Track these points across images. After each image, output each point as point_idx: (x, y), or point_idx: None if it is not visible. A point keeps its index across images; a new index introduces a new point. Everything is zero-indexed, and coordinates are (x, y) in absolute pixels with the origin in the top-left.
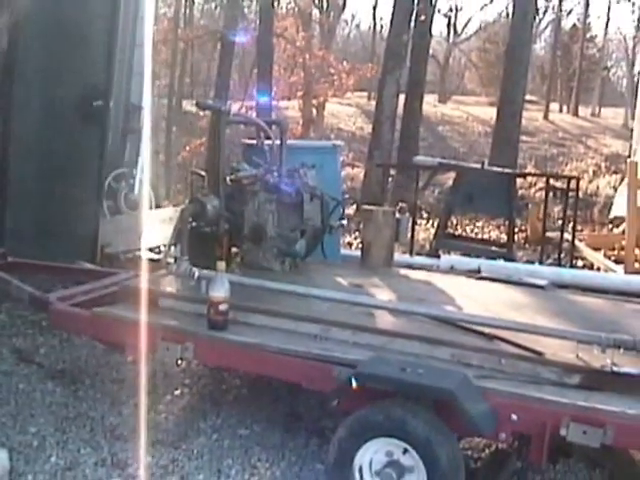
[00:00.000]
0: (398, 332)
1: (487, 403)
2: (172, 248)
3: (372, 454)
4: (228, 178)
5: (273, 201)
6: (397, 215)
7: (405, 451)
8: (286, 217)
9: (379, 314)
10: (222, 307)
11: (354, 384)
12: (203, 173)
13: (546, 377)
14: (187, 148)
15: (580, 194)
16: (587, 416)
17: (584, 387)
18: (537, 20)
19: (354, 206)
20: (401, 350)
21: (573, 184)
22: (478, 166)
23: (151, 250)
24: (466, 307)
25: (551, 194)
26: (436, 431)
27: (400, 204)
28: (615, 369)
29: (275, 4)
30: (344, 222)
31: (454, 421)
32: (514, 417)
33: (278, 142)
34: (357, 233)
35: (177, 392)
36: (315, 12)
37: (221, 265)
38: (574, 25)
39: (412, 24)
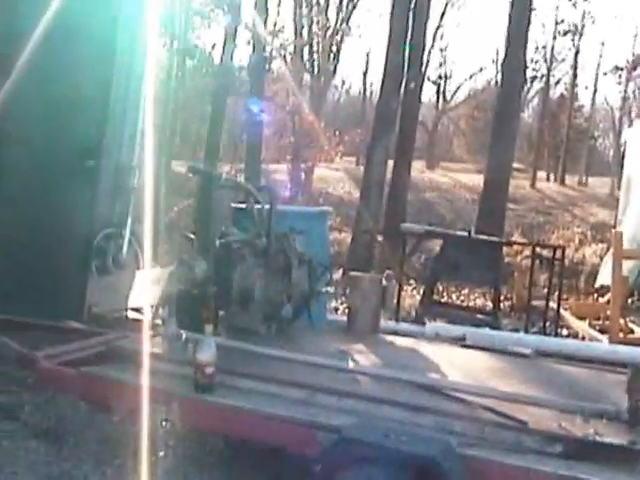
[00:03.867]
0: (382, 398)
1: (470, 471)
2: (160, 310)
3: None
4: (217, 241)
5: (261, 265)
6: (383, 282)
7: None
8: (273, 281)
9: (364, 380)
10: (209, 370)
11: None
12: (192, 236)
13: (529, 446)
14: (175, 209)
15: (566, 262)
16: None
17: (566, 456)
18: (525, 89)
19: (340, 271)
20: (385, 416)
21: (559, 253)
22: (465, 234)
23: (138, 311)
24: (450, 374)
25: (537, 262)
26: None
27: (387, 271)
28: (597, 439)
29: (266, 67)
30: (331, 289)
31: None
32: None
33: (267, 207)
34: (343, 298)
35: (161, 454)
36: (306, 76)
37: (208, 328)
38: (562, 94)
39: (402, 91)
